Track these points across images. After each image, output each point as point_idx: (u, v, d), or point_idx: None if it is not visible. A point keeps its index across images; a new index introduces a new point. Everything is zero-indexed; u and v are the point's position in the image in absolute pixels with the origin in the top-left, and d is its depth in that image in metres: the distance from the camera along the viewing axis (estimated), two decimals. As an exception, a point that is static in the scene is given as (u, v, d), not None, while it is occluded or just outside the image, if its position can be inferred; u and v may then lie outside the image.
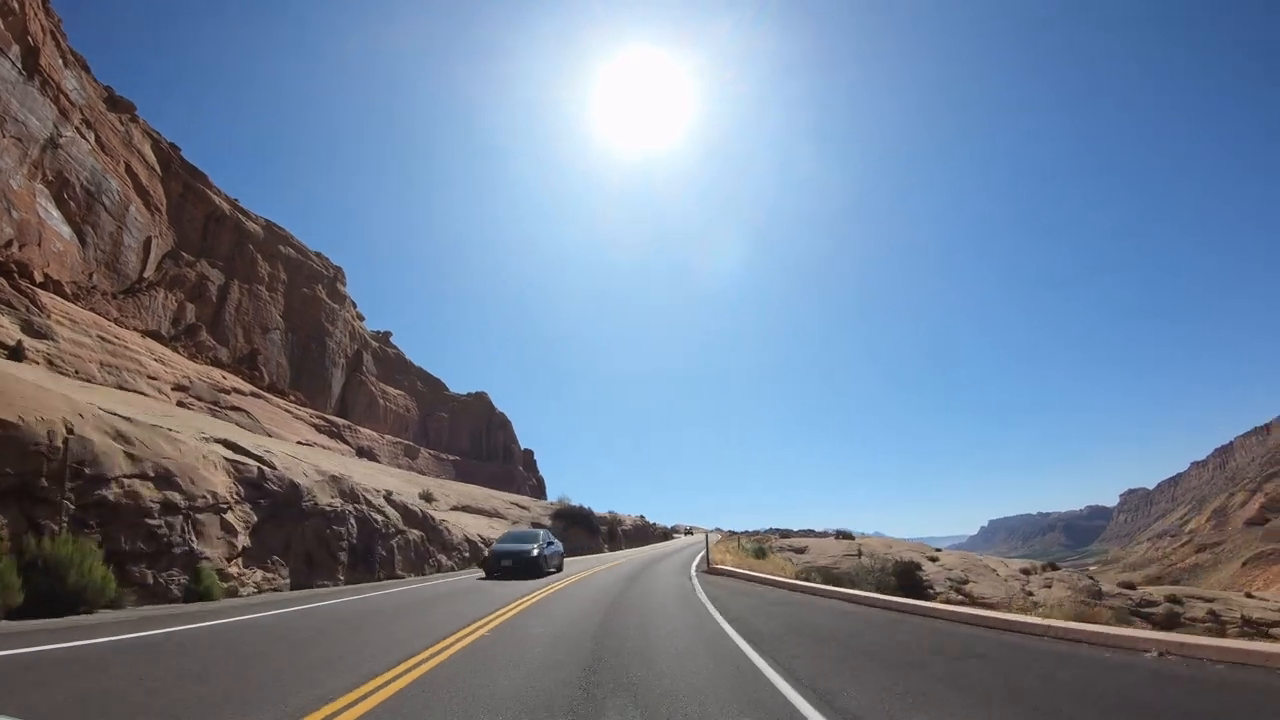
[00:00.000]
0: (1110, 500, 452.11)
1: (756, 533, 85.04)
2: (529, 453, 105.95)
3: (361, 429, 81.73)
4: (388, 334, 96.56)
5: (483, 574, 20.43)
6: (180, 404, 48.14)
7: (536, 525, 34.92)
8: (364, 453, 74.78)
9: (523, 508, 42.08)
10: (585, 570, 23.57)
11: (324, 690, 5.25)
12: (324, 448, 62.51)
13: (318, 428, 71.78)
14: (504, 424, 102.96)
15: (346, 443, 75.43)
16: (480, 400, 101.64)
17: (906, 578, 27.85)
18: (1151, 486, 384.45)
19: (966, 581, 36.08)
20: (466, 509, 34.58)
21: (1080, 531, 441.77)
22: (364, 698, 5.06)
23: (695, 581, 19.46)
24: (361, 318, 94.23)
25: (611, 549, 47.36)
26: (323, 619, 10.03)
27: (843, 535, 52.55)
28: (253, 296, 79.42)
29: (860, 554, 43.35)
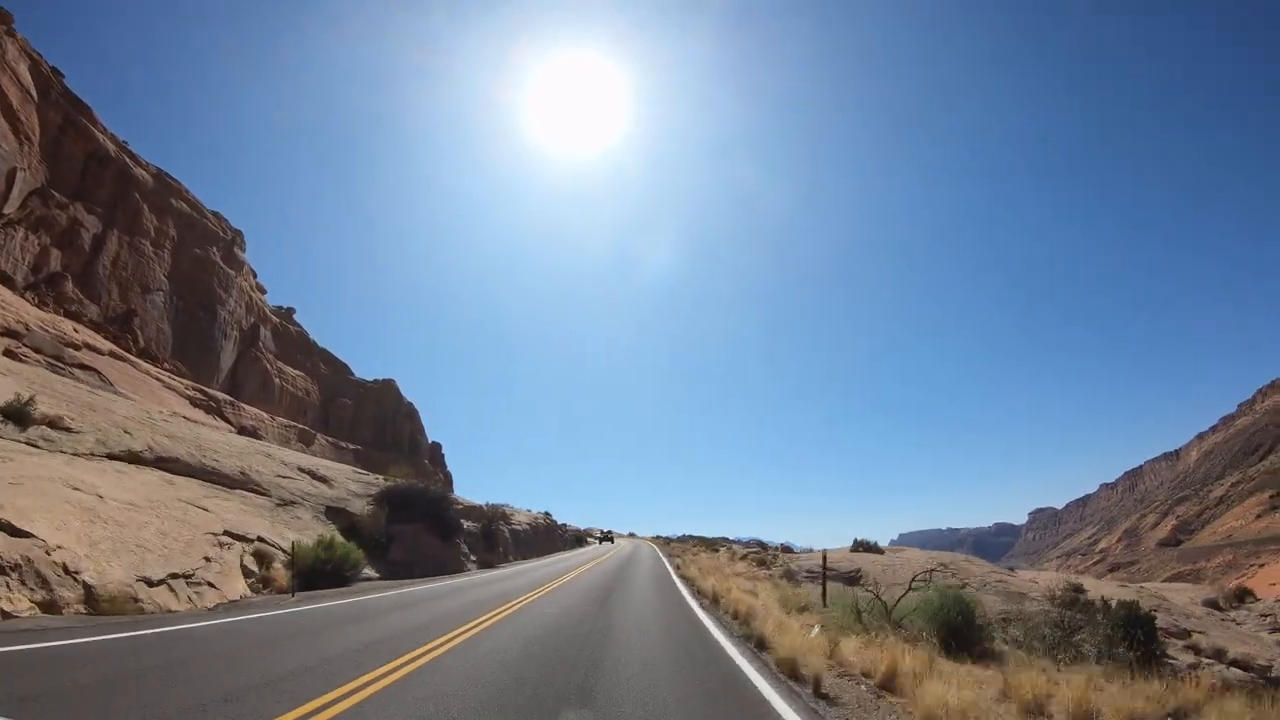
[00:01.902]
0: (1019, 518, 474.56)
1: (713, 542, 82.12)
2: (436, 446, 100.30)
3: (248, 407, 74.69)
4: (290, 310, 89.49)
5: None
6: (8, 352, 41.46)
7: (337, 510, 21.38)
8: (247, 432, 67.98)
9: (319, 479, 24.58)
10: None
11: None
12: (195, 422, 56.05)
13: (193, 400, 64.77)
14: (411, 414, 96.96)
15: (227, 420, 68.46)
16: (387, 388, 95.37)
17: (1138, 633, 14.97)
18: (1060, 506, 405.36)
19: (1188, 632, 24.25)
20: (175, 466, 17.65)
21: (989, 548, 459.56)
22: None
23: None
24: (262, 290, 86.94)
25: (485, 564, 28.37)
26: None
27: (867, 547, 36.91)
28: (134, 251, 71.53)
29: (963, 585, 25.15)
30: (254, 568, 14.13)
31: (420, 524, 24.00)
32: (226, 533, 14.46)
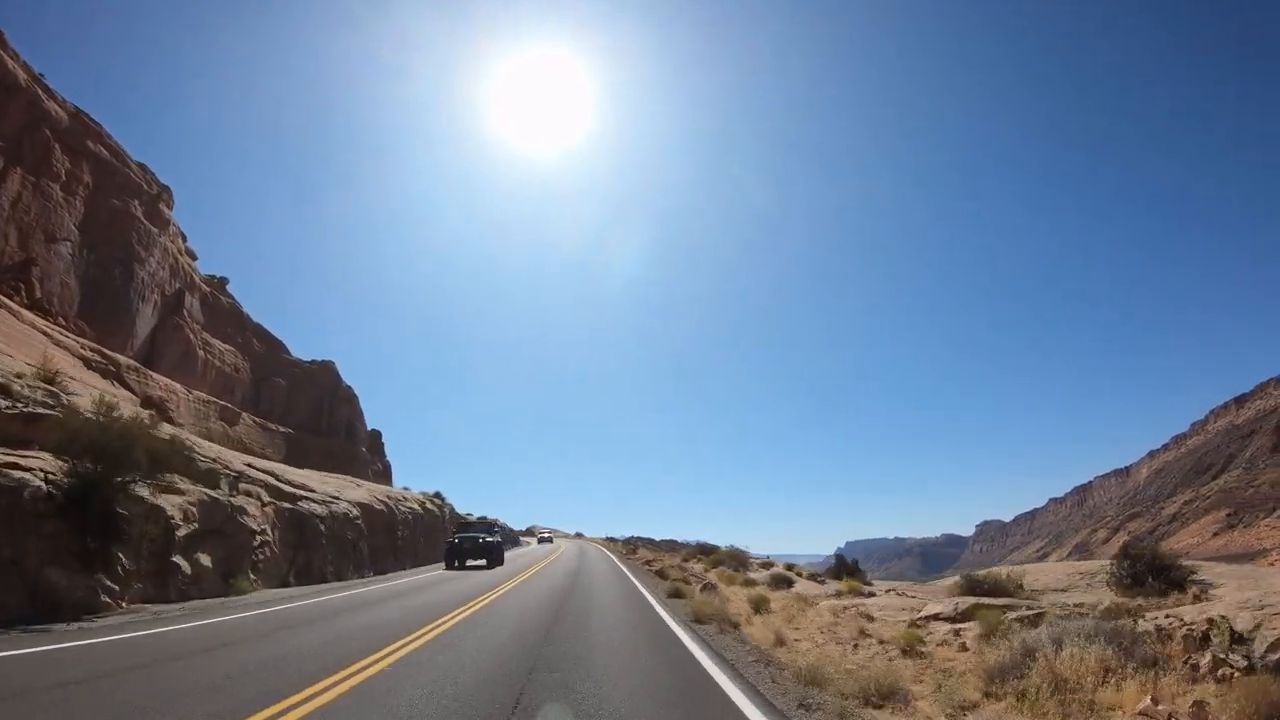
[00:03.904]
0: (966, 530, 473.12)
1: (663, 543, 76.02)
2: (376, 433, 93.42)
3: (158, 377, 67.26)
4: (223, 280, 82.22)
5: None
6: None
7: None
8: (153, 403, 60.64)
9: None
10: None
11: None
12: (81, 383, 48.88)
13: (87, 361, 57.28)
14: (350, 399, 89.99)
15: (129, 388, 61.00)
16: (325, 370, 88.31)
17: None
18: (1008, 519, 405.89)
19: None
20: None
21: (936, 558, 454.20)
22: None
23: None
24: (192, 255, 79.61)
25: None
26: None
27: (1158, 566, 13.02)
28: (40, 194, 63.91)
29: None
30: None
31: None
32: None
